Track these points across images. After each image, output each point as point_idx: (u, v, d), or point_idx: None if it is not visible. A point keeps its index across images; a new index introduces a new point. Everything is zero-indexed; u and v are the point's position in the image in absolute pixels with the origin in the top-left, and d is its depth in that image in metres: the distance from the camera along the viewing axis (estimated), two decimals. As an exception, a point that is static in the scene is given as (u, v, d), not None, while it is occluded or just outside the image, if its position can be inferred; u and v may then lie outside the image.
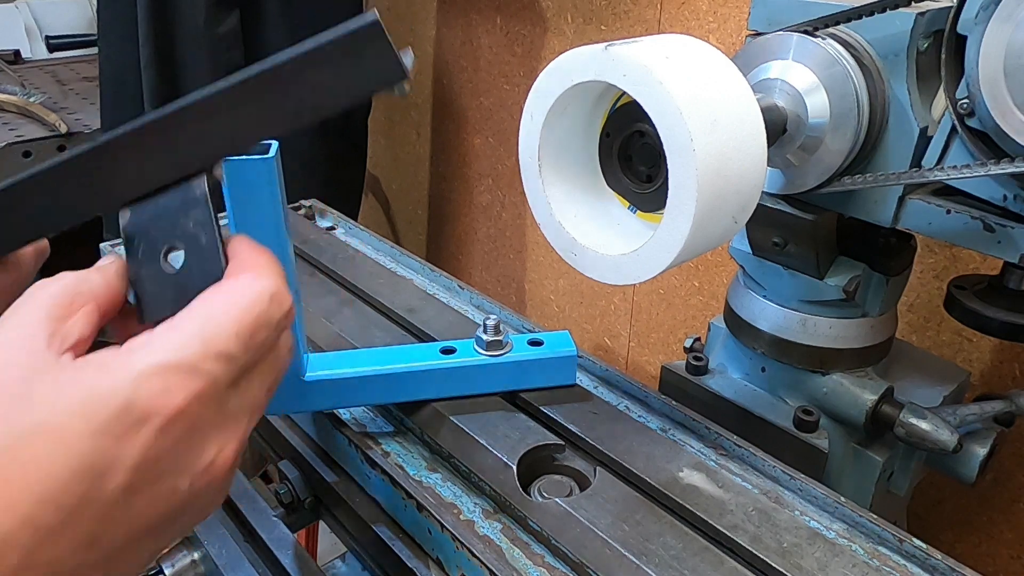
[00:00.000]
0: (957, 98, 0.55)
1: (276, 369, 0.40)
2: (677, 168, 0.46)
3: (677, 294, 1.45)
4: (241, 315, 0.37)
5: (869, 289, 0.72)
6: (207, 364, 0.35)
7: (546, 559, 0.53)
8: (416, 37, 1.86)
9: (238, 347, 0.36)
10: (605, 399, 0.68)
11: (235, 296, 0.37)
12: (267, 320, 0.37)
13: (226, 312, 0.37)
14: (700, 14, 1.24)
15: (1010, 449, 1.05)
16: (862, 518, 0.54)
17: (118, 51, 1.34)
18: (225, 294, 0.38)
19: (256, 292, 0.38)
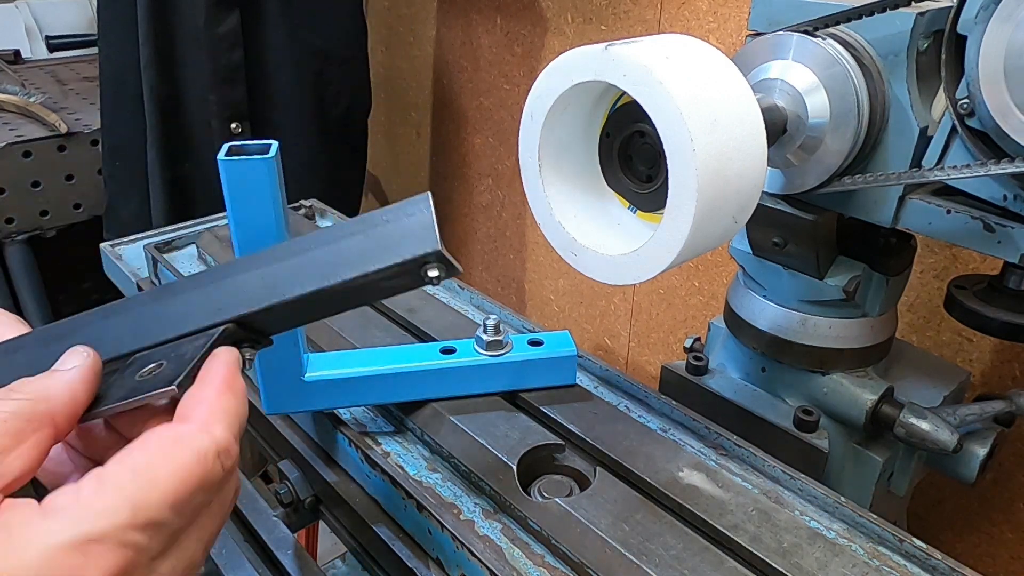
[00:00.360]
0: (957, 98, 0.55)
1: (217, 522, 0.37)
2: (677, 168, 0.46)
3: (677, 294, 1.45)
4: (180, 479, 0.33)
5: (869, 289, 0.72)
6: (133, 536, 0.31)
7: (546, 559, 0.53)
8: (416, 37, 1.86)
9: (171, 515, 0.33)
10: (605, 399, 0.68)
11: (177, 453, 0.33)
12: (207, 482, 0.34)
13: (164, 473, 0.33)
14: (700, 14, 1.24)
15: (1010, 449, 1.05)
16: (862, 518, 0.54)
17: (118, 51, 1.34)
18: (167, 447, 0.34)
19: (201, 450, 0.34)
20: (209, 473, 0.34)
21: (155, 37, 1.28)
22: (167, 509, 0.32)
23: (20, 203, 1.57)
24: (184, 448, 0.34)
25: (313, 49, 1.38)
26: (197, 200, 1.39)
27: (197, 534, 0.35)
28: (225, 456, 0.35)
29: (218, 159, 0.49)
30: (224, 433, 0.35)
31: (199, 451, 0.34)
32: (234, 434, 0.36)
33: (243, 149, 0.49)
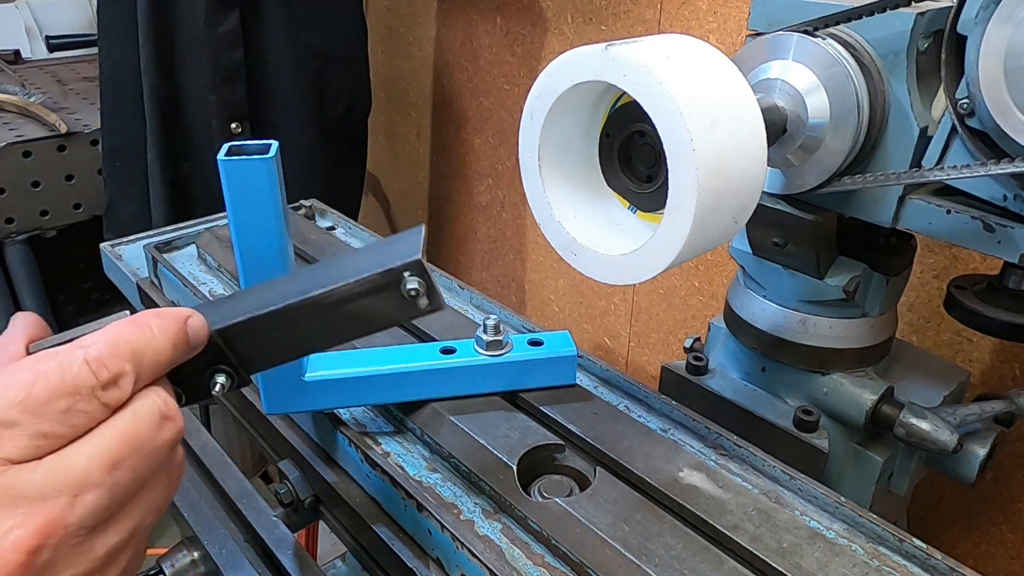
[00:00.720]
0: (957, 98, 0.55)
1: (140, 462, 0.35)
2: (677, 168, 0.46)
3: (677, 294, 1.45)
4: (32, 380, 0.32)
5: (869, 289, 0.72)
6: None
7: (546, 559, 0.53)
8: (416, 37, 1.86)
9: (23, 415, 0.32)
10: (605, 399, 0.68)
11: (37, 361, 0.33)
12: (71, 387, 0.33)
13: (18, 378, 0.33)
14: (700, 14, 1.24)
15: (1010, 449, 1.05)
16: (862, 518, 0.54)
17: (118, 51, 1.34)
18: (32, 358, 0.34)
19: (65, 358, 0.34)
20: (73, 379, 0.33)
21: (155, 37, 1.28)
22: (14, 408, 0.32)
23: (20, 203, 1.57)
24: (49, 356, 0.34)
25: (313, 49, 1.38)
26: (197, 200, 1.39)
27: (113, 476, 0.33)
28: (99, 367, 0.34)
29: (218, 159, 0.49)
30: (100, 348, 0.34)
31: (61, 358, 0.33)
32: (119, 353, 0.35)
33: (243, 149, 0.49)
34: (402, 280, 0.41)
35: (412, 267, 0.41)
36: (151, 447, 0.35)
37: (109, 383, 0.34)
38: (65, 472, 0.32)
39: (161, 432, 0.36)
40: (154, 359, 0.36)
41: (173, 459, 0.38)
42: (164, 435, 0.36)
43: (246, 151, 0.49)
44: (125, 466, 0.34)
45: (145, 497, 0.36)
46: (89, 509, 0.33)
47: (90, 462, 0.33)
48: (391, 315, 0.43)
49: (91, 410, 0.33)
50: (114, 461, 0.33)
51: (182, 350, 0.38)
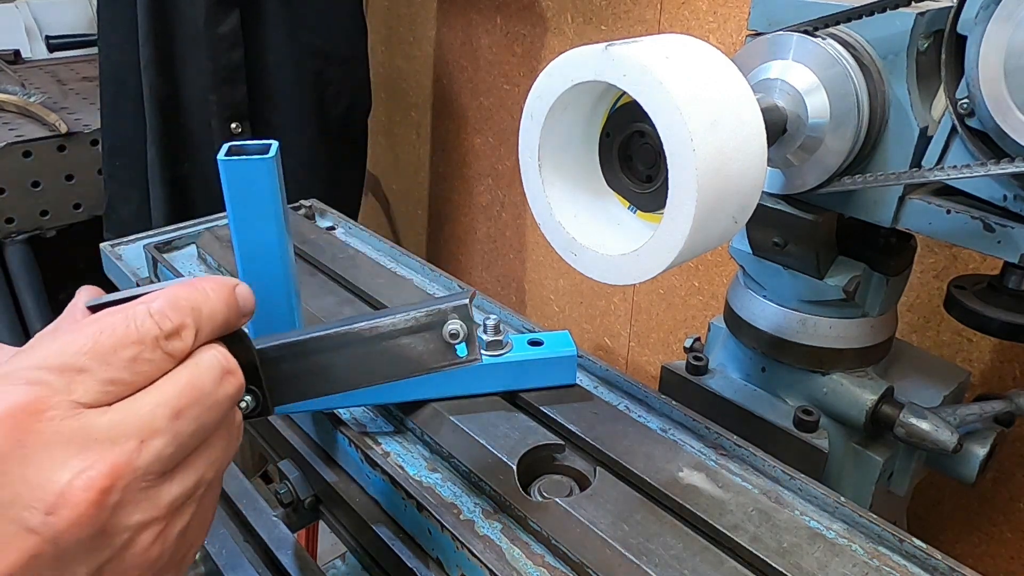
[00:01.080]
0: (957, 98, 0.55)
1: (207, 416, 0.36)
2: (677, 168, 0.46)
3: (677, 294, 1.45)
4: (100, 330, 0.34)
5: (869, 289, 0.72)
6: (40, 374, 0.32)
7: (546, 559, 0.53)
8: (416, 37, 1.86)
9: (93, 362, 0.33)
10: (605, 399, 0.68)
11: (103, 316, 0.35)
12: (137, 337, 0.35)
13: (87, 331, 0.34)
14: (700, 14, 1.24)
15: (1010, 449, 1.05)
16: (862, 518, 0.54)
17: (118, 51, 1.34)
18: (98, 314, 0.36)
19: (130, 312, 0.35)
20: (137, 329, 0.34)
21: (155, 37, 1.28)
22: (83, 355, 0.33)
23: (20, 203, 1.57)
24: (114, 312, 0.35)
25: (313, 49, 1.38)
26: (197, 200, 1.39)
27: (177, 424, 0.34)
28: (162, 318, 0.35)
29: (218, 159, 0.49)
30: (162, 302, 0.36)
31: (126, 311, 0.35)
32: (180, 307, 0.36)
33: (243, 149, 0.49)
34: (446, 322, 0.42)
35: (459, 310, 0.43)
36: (213, 399, 0.36)
37: (172, 334, 0.35)
38: (132, 418, 0.33)
39: (223, 386, 0.37)
40: (211, 316, 0.38)
41: (233, 418, 0.39)
42: (226, 389, 0.37)
43: (246, 151, 0.49)
44: (188, 416, 0.35)
45: (207, 452, 0.37)
46: (155, 455, 0.34)
47: (155, 409, 0.34)
48: (428, 360, 0.44)
49: (156, 359, 0.35)
50: (178, 409, 0.35)
51: (234, 313, 0.39)
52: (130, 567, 0.34)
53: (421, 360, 0.44)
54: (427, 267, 0.90)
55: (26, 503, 0.31)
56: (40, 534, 0.31)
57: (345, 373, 0.44)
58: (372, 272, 0.87)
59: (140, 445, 0.33)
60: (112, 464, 0.32)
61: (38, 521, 0.31)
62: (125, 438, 0.33)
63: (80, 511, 0.31)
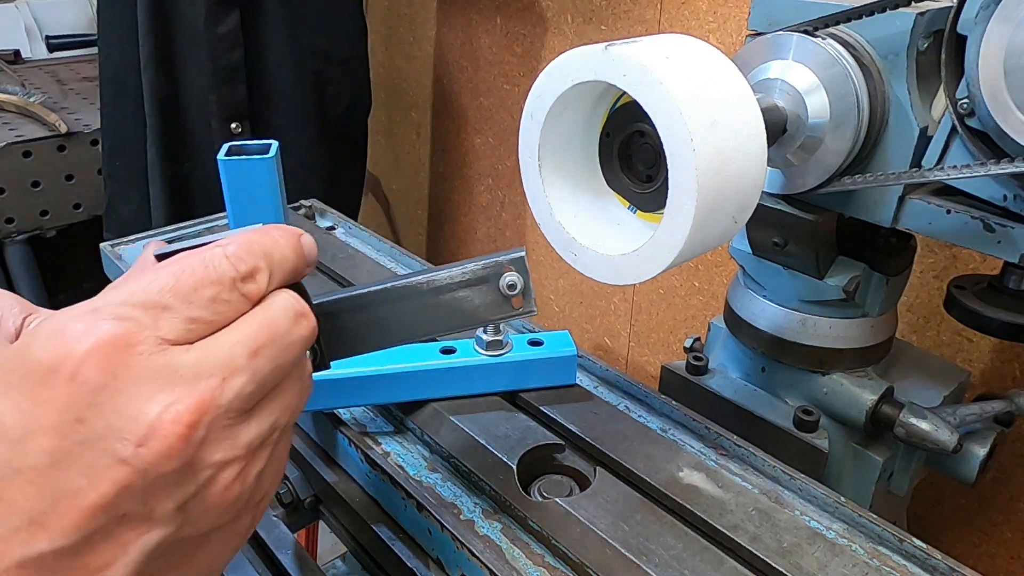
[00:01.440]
0: (957, 98, 0.55)
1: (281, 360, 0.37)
2: (677, 168, 0.46)
3: (677, 294, 1.45)
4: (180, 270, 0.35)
5: (869, 289, 0.72)
6: (128, 310, 0.33)
7: (546, 559, 0.53)
8: (416, 37, 1.86)
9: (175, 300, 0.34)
10: (605, 399, 0.68)
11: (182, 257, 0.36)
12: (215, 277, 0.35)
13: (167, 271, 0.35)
14: (700, 14, 1.24)
15: (1010, 449, 1.05)
16: (862, 518, 0.54)
17: (118, 51, 1.34)
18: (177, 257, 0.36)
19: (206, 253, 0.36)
20: (215, 270, 0.35)
21: (155, 37, 1.28)
22: (167, 293, 0.34)
23: (20, 203, 1.58)
24: (191, 254, 0.36)
25: (313, 49, 1.38)
26: (197, 200, 1.39)
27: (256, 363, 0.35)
28: (237, 260, 0.36)
29: (218, 159, 0.49)
30: (237, 246, 0.37)
31: (204, 253, 0.36)
32: (254, 251, 0.37)
33: (243, 149, 0.49)
34: (502, 275, 0.43)
35: (516, 263, 0.43)
36: (288, 340, 0.37)
37: (247, 276, 0.36)
38: (214, 355, 0.34)
39: (297, 327, 0.38)
40: (282, 262, 0.38)
41: (304, 365, 0.40)
42: (300, 330, 0.38)
43: (246, 151, 0.49)
44: (266, 355, 0.36)
45: (281, 396, 0.37)
46: (236, 392, 0.34)
47: (234, 347, 0.35)
48: (484, 312, 0.44)
49: (233, 300, 0.36)
50: (255, 348, 0.35)
51: (302, 261, 0.40)
52: (211, 505, 0.34)
53: (477, 312, 0.44)
54: (427, 267, 0.90)
55: (118, 434, 0.31)
56: (131, 465, 0.31)
57: (401, 326, 0.44)
58: (372, 272, 0.87)
59: (222, 382, 0.34)
60: (198, 399, 0.33)
61: (129, 452, 0.31)
62: (208, 375, 0.33)
63: (169, 443, 0.32)
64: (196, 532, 0.35)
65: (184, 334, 0.34)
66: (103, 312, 0.33)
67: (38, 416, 0.31)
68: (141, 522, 0.33)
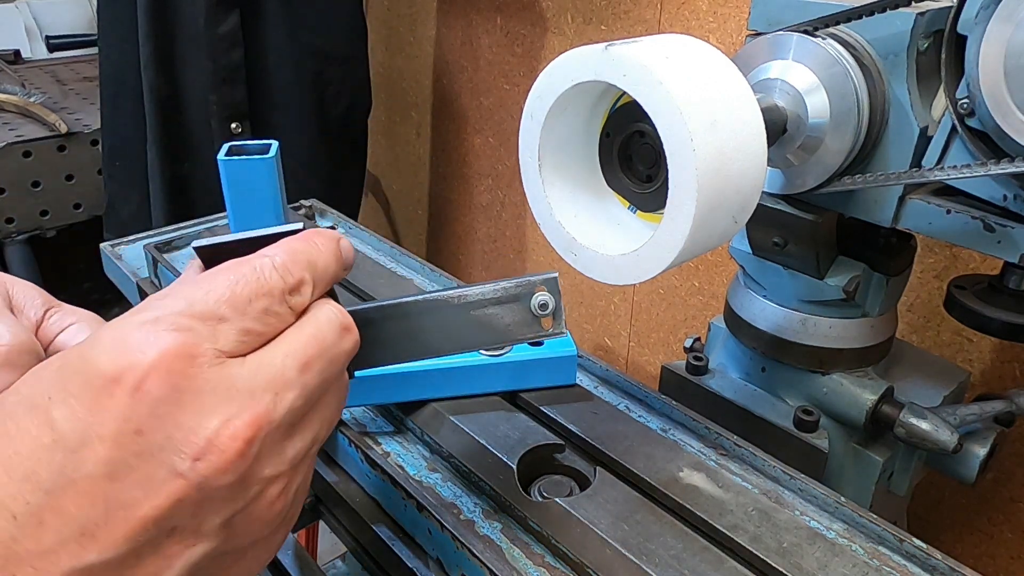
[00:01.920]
0: (957, 98, 0.55)
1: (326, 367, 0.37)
2: (677, 168, 0.46)
3: (677, 294, 1.45)
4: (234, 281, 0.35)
5: (869, 289, 0.72)
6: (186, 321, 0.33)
7: (546, 559, 0.53)
8: (416, 37, 1.86)
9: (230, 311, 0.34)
10: (605, 399, 0.68)
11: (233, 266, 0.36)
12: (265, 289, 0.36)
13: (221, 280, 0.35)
14: (700, 14, 1.24)
15: (1010, 449, 1.05)
16: (862, 518, 0.54)
17: (118, 51, 1.34)
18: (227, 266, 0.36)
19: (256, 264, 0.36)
20: (266, 282, 0.35)
21: (155, 37, 1.28)
22: (223, 304, 0.34)
23: (20, 203, 1.58)
24: (241, 263, 0.36)
25: (313, 49, 1.38)
26: (197, 200, 1.39)
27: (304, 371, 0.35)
28: (285, 272, 0.36)
29: (218, 159, 0.49)
30: (284, 257, 0.37)
31: (253, 264, 0.36)
32: (299, 262, 0.37)
33: (243, 149, 0.49)
34: (534, 294, 0.43)
35: (548, 283, 0.44)
36: (333, 353, 0.37)
37: (295, 288, 0.36)
38: (267, 369, 0.34)
39: (343, 340, 0.38)
40: (325, 270, 0.39)
41: (344, 378, 0.40)
42: (345, 344, 0.38)
43: (246, 151, 0.49)
44: (314, 369, 0.36)
45: (323, 410, 0.37)
46: (288, 407, 0.34)
47: (285, 361, 0.35)
48: (514, 330, 0.44)
49: (283, 312, 0.36)
50: (305, 362, 0.35)
51: (341, 267, 0.40)
52: (256, 519, 0.34)
53: (507, 330, 0.44)
54: (427, 267, 0.90)
55: (177, 447, 0.31)
56: (187, 479, 0.31)
57: (429, 340, 0.44)
58: (372, 272, 0.87)
59: (275, 397, 0.34)
60: (255, 415, 0.33)
61: (186, 466, 0.31)
62: (263, 390, 0.33)
63: (226, 459, 0.32)
64: (238, 547, 0.35)
65: (238, 346, 0.34)
66: (164, 322, 0.32)
67: (96, 425, 0.30)
68: (189, 535, 0.32)
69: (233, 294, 0.34)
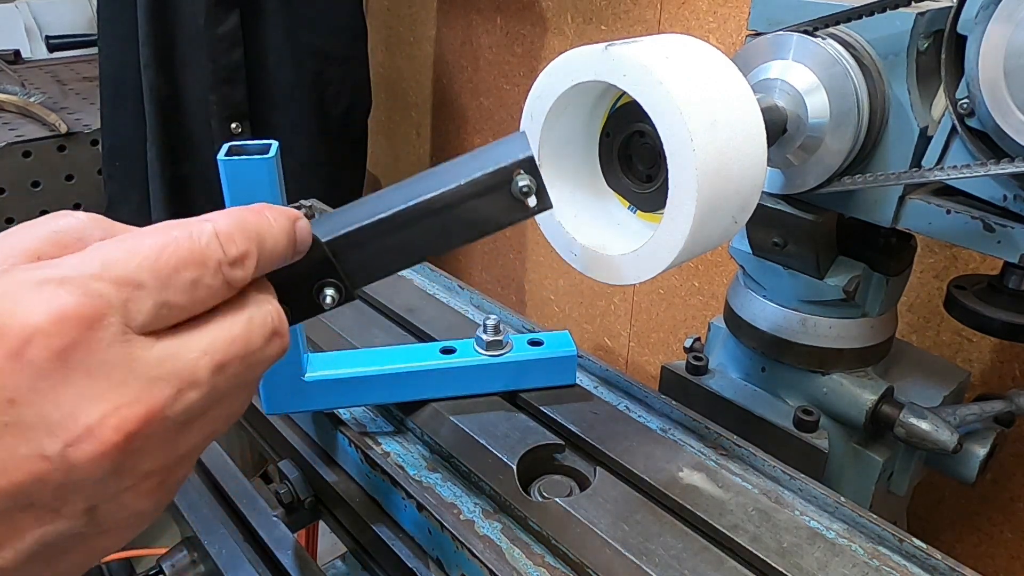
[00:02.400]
0: (957, 98, 0.55)
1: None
2: (677, 168, 0.46)
3: (677, 294, 1.45)
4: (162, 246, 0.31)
5: (869, 289, 0.72)
6: (98, 285, 0.29)
7: (546, 559, 0.53)
8: (416, 37, 1.86)
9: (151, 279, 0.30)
10: (605, 399, 0.68)
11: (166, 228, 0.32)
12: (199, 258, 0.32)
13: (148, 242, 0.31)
14: (700, 14, 1.24)
15: (1010, 449, 1.05)
16: (862, 518, 0.54)
17: (118, 51, 1.34)
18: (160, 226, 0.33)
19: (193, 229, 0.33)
20: (202, 249, 0.32)
21: (155, 37, 1.28)
22: (145, 271, 0.30)
23: (20, 203, 1.57)
24: (175, 225, 0.32)
25: (313, 49, 1.38)
26: (197, 200, 1.39)
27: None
28: (228, 240, 0.33)
29: (218, 159, 0.49)
30: (228, 224, 0.33)
31: (192, 227, 0.32)
32: (246, 233, 0.34)
33: (243, 149, 0.49)
34: (513, 179, 0.41)
35: (524, 164, 0.41)
36: (256, 358, 0.34)
37: (236, 261, 0.33)
38: (176, 362, 0.31)
39: (269, 346, 0.35)
40: (273, 247, 0.35)
41: (247, 386, 0.36)
42: (271, 350, 0.35)
43: (246, 151, 0.49)
44: (229, 372, 0.33)
45: (227, 405, 0.34)
46: (187, 406, 0.31)
47: (200, 358, 0.32)
48: (500, 217, 0.42)
49: (215, 285, 0.32)
50: (222, 363, 0.32)
51: (292, 248, 0.37)
52: (124, 508, 0.32)
53: (495, 219, 0.42)
54: (427, 267, 0.90)
55: (49, 428, 0.28)
56: (52, 463, 0.29)
57: (420, 245, 0.43)
58: (372, 272, 0.87)
59: (177, 393, 0.31)
60: (148, 408, 0.30)
61: (56, 450, 0.29)
62: (165, 382, 0.31)
63: (102, 450, 0.29)
64: (97, 531, 0.32)
65: (151, 320, 0.31)
66: (69, 284, 0.29)
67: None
68: (45, 513, 0.30)
69: (157, 260, 0.31)
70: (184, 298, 0.31)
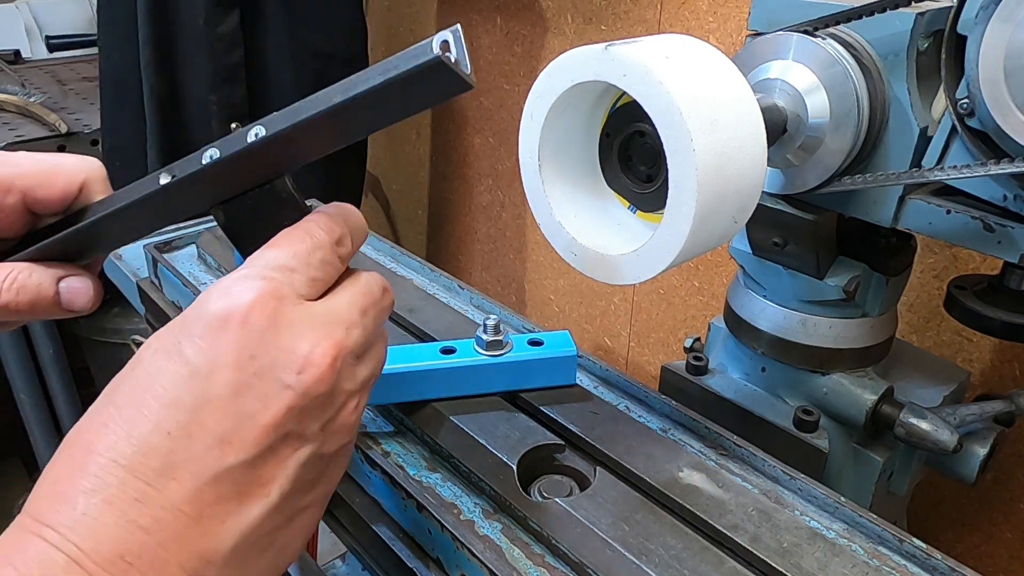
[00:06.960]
0: (957, 98, 0.55)
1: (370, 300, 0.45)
2: (677, 168, 0.46)
3: (677, 294, 1.45)
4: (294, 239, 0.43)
5: (869, 289, 0.72)
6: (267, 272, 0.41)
7: (546, 559, 0.54)
8: (416, 37, 1.86)
9: (297, 262, 0.42)
10: (605, 399, 0.68)
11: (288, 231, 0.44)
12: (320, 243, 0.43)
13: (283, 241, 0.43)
14: (700, 14, 1.24)
15: (1010, 449, 1.05)
16: (862, 518, 0.54)
17: (118, 51, 1.34)
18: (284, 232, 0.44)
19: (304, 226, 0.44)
20: (318, 238, 0.43)
21: (155, 37, 1.28)
22: (292, 259, 0.42)
23: (20, 203, 1.57)
24: (293, 230, 0.44)
25: (313, 49, 1.38)
26: (197, 200, 1.39)
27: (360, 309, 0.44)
28: (329, 228, 0.44)
29: (218, 159, 0.49)
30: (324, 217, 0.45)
31: (304, 227, 0.44)
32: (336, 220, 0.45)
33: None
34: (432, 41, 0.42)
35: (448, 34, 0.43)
36: (381, 305, 0.46)
37: (339, 241, 0.44)
38: (335, 310, 0.42)
39: (385, 296, 0.46)
40: (356, 225, 0.47)
41: (384, 335, 0.48)
42: (387, 299, 0.47)
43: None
44: (370, 315, 0.44)
45: (376, 349, 0.46)
46: (355, 340, 0.42)
47: (350, 306, 0.43)
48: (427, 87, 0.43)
49: (334, 261, 0.44)
50: (363, 308, 0.44)
51: (366, 227, 0.49)
52: (341, 425, 0.43)
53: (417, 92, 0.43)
54: (427, 267, 0.90)
55: (284, 365, 0.39)
56: (294, 389, 0.39)
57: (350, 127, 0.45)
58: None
59: (346, 331, 0.42)
60: (334, 341, 0.41)
61: (293, 379, 0.39)
62: (336, 325, 0.42)
63: (321, 372, 0.40)
64: (330, 450, 0.42)
65: (309, 290, 0.42)
66: (253, 275, 0.40)
67: (219, 355, 0.38)
68: (296, 439, 0.40)
69: (297, 251, 0.42)
70: (321, 273, 0.43)
